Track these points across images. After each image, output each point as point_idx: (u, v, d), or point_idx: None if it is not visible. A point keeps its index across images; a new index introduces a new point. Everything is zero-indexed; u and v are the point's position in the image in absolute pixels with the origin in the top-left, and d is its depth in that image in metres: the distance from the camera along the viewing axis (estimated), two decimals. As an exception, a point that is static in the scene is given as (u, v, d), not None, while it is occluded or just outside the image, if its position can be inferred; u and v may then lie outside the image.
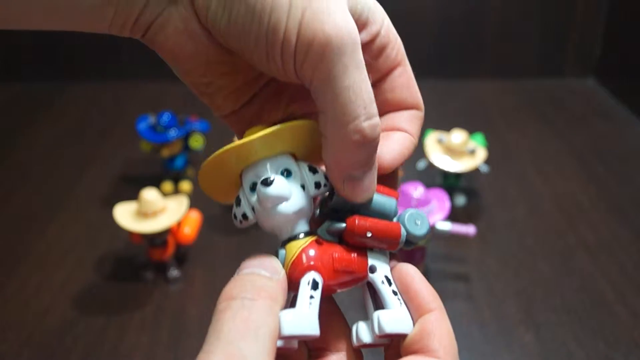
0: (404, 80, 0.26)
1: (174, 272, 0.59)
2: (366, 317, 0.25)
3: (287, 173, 0.24)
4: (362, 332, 0.24)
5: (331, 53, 0.21)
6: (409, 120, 0.26)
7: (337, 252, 0.24)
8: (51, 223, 0.68)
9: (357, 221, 0.24)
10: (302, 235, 0.24)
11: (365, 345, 0.25)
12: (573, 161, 0.81)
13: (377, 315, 0.24)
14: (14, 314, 0.54)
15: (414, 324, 0.24)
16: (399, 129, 0.26)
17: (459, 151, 0.67)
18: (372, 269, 0.25)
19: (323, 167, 0.25)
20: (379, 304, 0.26)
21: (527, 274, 0.59)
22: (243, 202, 0.24)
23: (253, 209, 0.24)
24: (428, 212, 0.53)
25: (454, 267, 0.60)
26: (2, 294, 0.57)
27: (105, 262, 0.61)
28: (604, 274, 0.59)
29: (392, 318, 0.24)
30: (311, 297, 0.23)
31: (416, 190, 0.54)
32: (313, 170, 0.24)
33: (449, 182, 0.71)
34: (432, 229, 0.55)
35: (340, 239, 0.24)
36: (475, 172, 0.70)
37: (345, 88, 0.21)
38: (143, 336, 0.52)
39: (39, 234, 0.66)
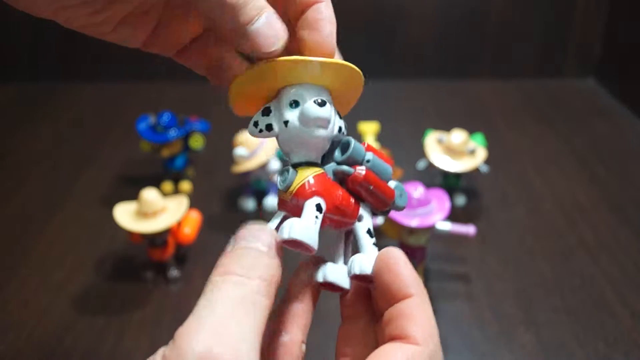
0: None
1: (174, 272, 0.59)
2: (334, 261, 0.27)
3: (324, 103, 0.25)
4: (330, 272, 0.26)
5: None
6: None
7: (341, 191, 0.26)
8: (50, 223, 0.68)
9: (364, 171, 0.26)
10: (309, 164, 0.26)
11: (327, 286, 0.26)
12: (573, 161, 0.81)
13: (359, 257, 0.26)
14: (13, 314, 0.54)
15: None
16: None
17: (459, 151, 0.67)
18: (360, 218, 0.27)
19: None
20: (347, 255, 0.28)
21: (527, 274, 0.59)
22: (274, 114, 0.25)
23: (285, 123, 0.25)
24: (428, 212, 0.53)
25: (454, 267, 0.60)
26: (1, 294, 0.57)
27: (105, 262, 0.61)
28: (604, 274, 0.59)
29: (371, 262, 0.25)
30: (316, 217, 0.24)
31: (416, 190, 0.54)
32: (338, 115, 0.27)
33: (449, 182, 0.71)
34: (432, 228, 0.55)
35: (342, 182, 0.26)
36: (475, 172, 0.70)
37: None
38: (143, 336, 0.52)
39: (39, 234, 0.66)
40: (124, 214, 0.55)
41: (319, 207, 0.25)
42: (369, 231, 0.27)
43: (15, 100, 1.02)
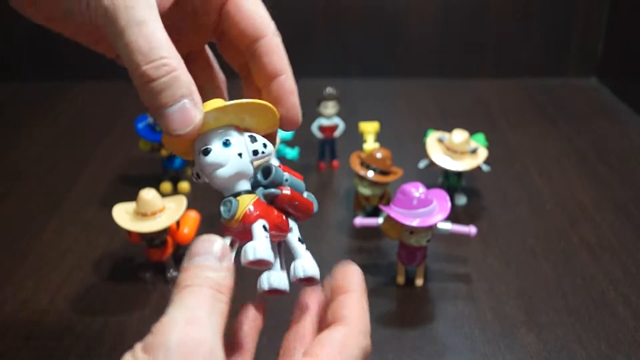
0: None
1: (173, 273, 0.59)
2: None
3: (226, 142, 0.29)
4: (274, 279, 0.30)
5: (108, 19, 0.26)
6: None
7: (275, 211, 0.30)
8: (49, 223, 0.67)
9: (289, 191, 0.30)
10: (243, 193, 0.29)
11: (272, 292, 0.30)
12: (575, 161, 0.81)
13: (300, 262, 0.30)
14: (12, 315, 0.54)
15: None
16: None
17: (460, 151, 0.67)
18: (291, 230, 0.31)
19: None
20: (282, 262, 0.32)
21: (529, 275, 0.59)
22: (196, 164, 0.29)
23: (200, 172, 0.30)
24: (429, 213, 0.53)
25: (455, 268, 0.60)
26: (0, 295, 0.57)
27: (103, 263, 0.61)
28: (606, 275, 0.59)
29: (311, 265, 0.31)
30: (266, 236, 0.29)
31: (417, 190, 0.53)
32: (253, 139, 0.30)
33: (450, 182, 0.70)
34: (433, 229, 0.55)
35: (271, 203, 0.30)
36: (477, 171, 0.70)
37: (123, 45, 0.26)
38: (142, 337, 0.51)
39: (37, 234, 0.65)
40: (123, 214, 0.55)
41: (265, 228, 0.29)
42: (299, 239, 0.31)
43: (14, 100, 1.02)
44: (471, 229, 0.56)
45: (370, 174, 0.63)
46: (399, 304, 0.56)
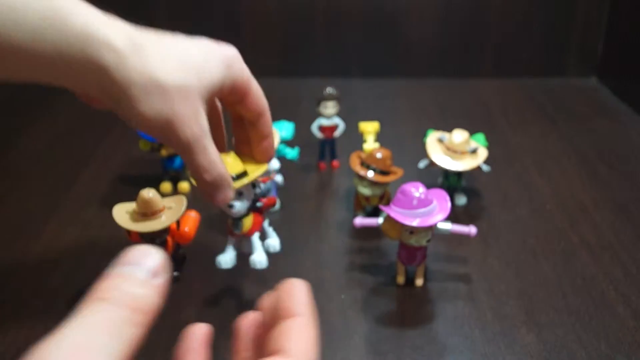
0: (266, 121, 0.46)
1: (172, 273, 0.58)
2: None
3: (241, 193, 0.47)
4: (260, 260, 0.50)
5: (181, 145, 0.38)
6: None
7: (259, 217, 0.50)
8: (49, 223, 0.67)
9: (265, 201, 0.50)
10: (244, 215, 0.49)
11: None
12: (575, 161, 0.81)
13: (270, 241, 0.52)
14: (11, 316, 0.54)
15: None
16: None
17: (460, 151, 0.67)
18: (264, 219, 0.52)
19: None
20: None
21: (529, 275, 0.59)
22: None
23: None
24: (429, 213, 0.53)
25: (455, 268, 0.60)
26: (0, 295, 0.57)
27: (103, 263, 0.60)
28: (606, 275, 0.58)
29: (277, 242, 0.52)
30: (261, 244, 0.51)
31: (417, 190, 0.53)
32: (253, 186, 0.48)
33: (450, 182, 0.70)
34: (433, 229, 0.55)
35: (255, 209, 0.50)
36: (477, 171, 0.70)
37: (191, 161, 0.39)
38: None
39: (36, 234, 0.65)
40: (123, 214, 0.55)
41: (260, 236, 0.51)
42: (269, 224, 0.52)
43: (15, 99, 1.02)
44: (471, 229, 0.56)
45: (370, 174, 0.63)
46: (399, 304, 0.56)
